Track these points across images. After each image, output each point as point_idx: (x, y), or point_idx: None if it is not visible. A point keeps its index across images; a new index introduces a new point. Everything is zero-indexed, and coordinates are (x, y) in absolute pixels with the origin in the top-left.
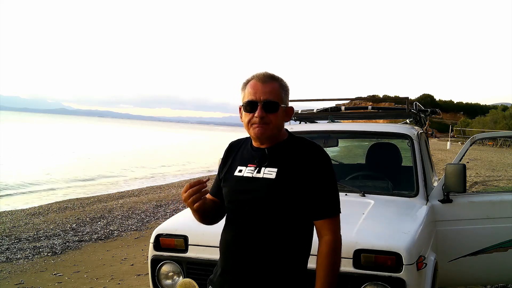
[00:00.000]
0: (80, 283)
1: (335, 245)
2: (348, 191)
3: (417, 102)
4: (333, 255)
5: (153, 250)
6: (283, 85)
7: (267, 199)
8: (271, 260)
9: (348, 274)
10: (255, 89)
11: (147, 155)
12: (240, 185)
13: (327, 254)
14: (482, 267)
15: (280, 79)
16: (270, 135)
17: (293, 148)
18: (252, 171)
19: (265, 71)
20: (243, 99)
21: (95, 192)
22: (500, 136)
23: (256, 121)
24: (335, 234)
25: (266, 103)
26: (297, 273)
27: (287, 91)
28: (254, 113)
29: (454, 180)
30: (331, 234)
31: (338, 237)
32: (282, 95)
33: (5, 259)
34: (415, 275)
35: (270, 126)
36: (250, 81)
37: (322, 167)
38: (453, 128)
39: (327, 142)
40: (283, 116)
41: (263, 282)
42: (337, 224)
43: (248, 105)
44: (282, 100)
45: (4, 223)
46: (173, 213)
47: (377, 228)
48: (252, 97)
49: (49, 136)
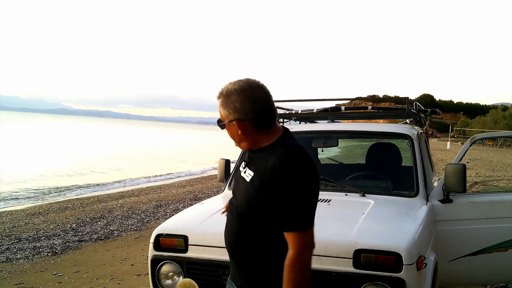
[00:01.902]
0: (80, 283)
1: (293, 261)
2: (348, 191)
3: (417, 102)
4: (291, 271)
5: (153, 250)
6: (223, 101)
7: (243, 200)
8: (246, 258)
9: (348, 274)
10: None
11: (147, 155)
12: (235, 180)
13: (286, 269)
14: (482, 267)
15: (223, 94)
16: (239, 146)
17: (272, 154)
18: (243, 169)
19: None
20: None
21: (95, 192)
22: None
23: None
24: (297, 249)
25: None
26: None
27: (228, 105)
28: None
29: (454, 180)
30: (292, 249)
31: (299, 252)
32: (225, 112)
33: (5, 259)
34: (415, 275)
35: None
36: None
37: (292, 177)
38: (453, 128)
39: (327, 142)
40: (235, 130)
41: (240, 281)
42: (302, 239)
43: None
44: (226, 116)
45: (4, 223)
46: (173, 213)
47: (377, 228)
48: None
49: (49, 136)
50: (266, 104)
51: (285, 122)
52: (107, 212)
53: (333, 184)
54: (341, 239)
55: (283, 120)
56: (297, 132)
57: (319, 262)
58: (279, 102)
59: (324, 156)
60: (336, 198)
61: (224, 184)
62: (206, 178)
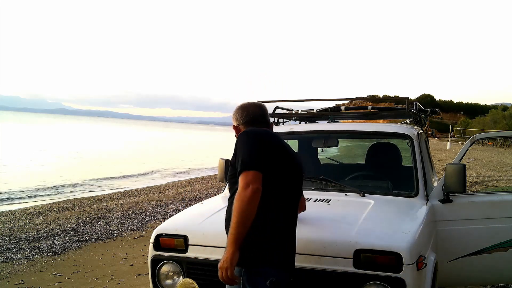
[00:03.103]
0: (80, 283)
1: (237, 194)
2: (348, 191)
3: (417, 102)
4: (235, 200)
5: (153, 250)
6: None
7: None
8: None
9: (348, 274)
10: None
11: (148, 156)
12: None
13: (235, 200)
14: (482, 267)
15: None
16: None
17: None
18: None
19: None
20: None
21: (95, 192)
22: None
23: None
24: (240, 187)
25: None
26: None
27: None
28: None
29: (454, 180)
30: (238, 187)
31: (241, 189)
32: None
33: (5, 259)
34: (415, 275)
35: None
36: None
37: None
38: (453, 128)
39: (327, 142)
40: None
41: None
42: (244, 179)
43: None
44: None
45: (4, 223)
46: (173, 213)
47: (377, 228)
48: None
49: (49, 136)
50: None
51: (285, 122)
52: (107, 212)
53: (333, 184)
54: (341, 239)
55: (283, 120)
56: (297, 132)
57: (319, 262)
58: (279, 102)
59: (324, 156)
60: (336, 198)
61: (224, 184)
62: (206, 178)
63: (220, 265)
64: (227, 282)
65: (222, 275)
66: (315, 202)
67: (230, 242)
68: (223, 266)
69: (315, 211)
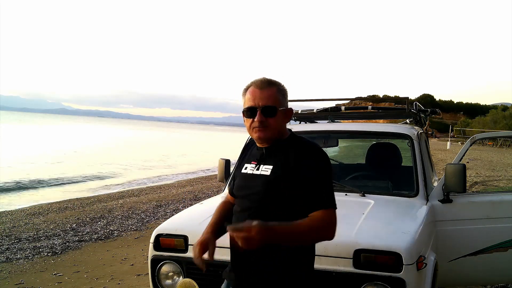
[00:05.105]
0: (80, 283)
1: (325, 217)
2: (348, 191)
3: (417, 102)
4: (314, 223)
5: (153, 250)
6: (280, 89)
7: (263, 194)
8: (271, 255)
9: (348, 274)
10: (254, 95)
11: (148, 155)
12: (244, 181)
13: (314, 218)
14: (482, 267)
15: (277, 83)
16: (270, 137)
17: (290, 146)
18: (253, 169)
19: (263, 77)
20: (244, 105)
21: (95, 192)
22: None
23: (256, 125)
24: (327, 222)
25: (264, 108)
26: (301, 270)
27: (285, 94)
28: (254, 118)
29: (454, 180)
30: (323, 218)
31: (330, 224)
32: (280, 99)
33: (5, 259)
34: (415, 275)
35: (270, 129)
36: (249, 87)
37: (317, 163)
38: (453, 128)
39: (327, 142)
40: (282, 119)
41: (264, 279)
42: (331, 217)
43: (248, 110)
44: (280, 103)
45: (4, 223)
46: (173, 213)
47: (377, 228)
48: (251, 103)
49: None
50: None
51: None
52: (107, 212)
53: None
54: (341, 239)
55: None
56: (297, 132)
57: (319, 262)
58: None
59: None
60: (336, 198)
61: (224, 184)
62: (206, 178)
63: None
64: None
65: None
66: None
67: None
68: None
69: None
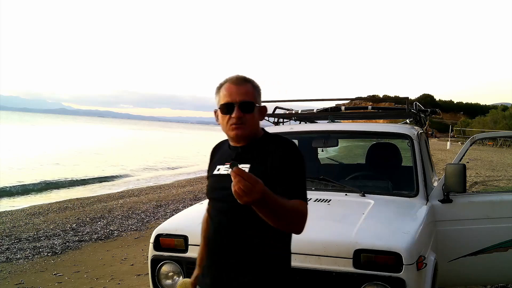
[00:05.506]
0: (80, 283)
1: (302, 207)
2: (348, 191)
3: (417, 102)
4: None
5: (153, 250)
6: (255, 86)
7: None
8: (249, 255)
9: (348, 274)
10: (230, 91)
11: (148, 155)
12: (217, 182)
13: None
14: (482, 267)
15: (252, 81)
16: (248, 134)
17: (266, 144)
18: (227, 169)
19: (237, 74)
20: (219, 102)
21: (95, 192)
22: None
23: (233, 121)
24: (303, 211)
25: (242, 104)
26: (279, 268)
27: (259, 92)
28: (231, 114)
29: (454, 180)
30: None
31: (305, 213)
32: (256, 96)
33: (5, 259)
34: (415, 275)
35: (248, 125)
36: (224, 84)
37: (294, 160)
38: (453, 128)
39: (327, 142)
40: (258, 116)
41: (244, 279)
42: (306, 208)
43: (225, 107)
44: (256, 100)
45: (4, 223)
46: (173, 213)
47: (377, 228)
48: (228, 99)
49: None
50: None
51: (285, 122)
52: (107, 212)
53: (333, 184)
54: (341, 239)
55: (283, 120)
56: (297, 132)
57: (319, 262)
58: (279, 102)
59: (324, 156)
60: (336, 198)
61: None
62: (206, 178)
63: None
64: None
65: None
66: (315, 202)
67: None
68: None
69: (315, 211)
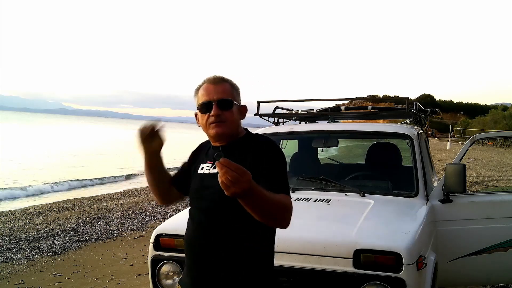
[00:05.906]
0: (80, 283)
1: (287, 200)
2: (348, 191)
3: (417, 102)
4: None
5: (153, 250)
6: (233, 85)
7: (222, 193)
8: (231, 254)
9: (348, 274)
10: (208, 90)
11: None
12: (200, 182)
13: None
14: (482, 267)
15: (230, 80)
16: (229, 133)
17: (248, 143)
18: (209, 168)
19: (215, 74)
20: (198, 102)
21: (95, 192)
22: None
23: (212, 120)
24: (289, 205)
25: (220, 101)
26: (260, 267)
27: (238, 91)
28: (209, 113)
29: (454, 180)
30: (287, 200)
31: (290, 207)
32: (234, 94)
33: (5, 259)
34: (415, 275)
35: (227, 123)
36: (201, 85)
37: (276, 157)
38: (453, 128)
39: (327, 142)
40: (237, 114)
41: (225, 278)
42: (291, 203)
43: (203, 106)
44: (235, 98)
45: (4, 223)
46: (173, 213)
47: (377, 228)
48: (206, 98)
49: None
50: None
51: (285, 122)
52: (107, 212)
53: (333, 184)
54: (341, 239)
55: (283, 120)
56: (297, 132)
57: (319, 262)
58: (279, 102)
59: (324, 156)
60: (336, 198)
61: None
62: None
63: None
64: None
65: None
66: (315, 202)
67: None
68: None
69: (315, 211)
